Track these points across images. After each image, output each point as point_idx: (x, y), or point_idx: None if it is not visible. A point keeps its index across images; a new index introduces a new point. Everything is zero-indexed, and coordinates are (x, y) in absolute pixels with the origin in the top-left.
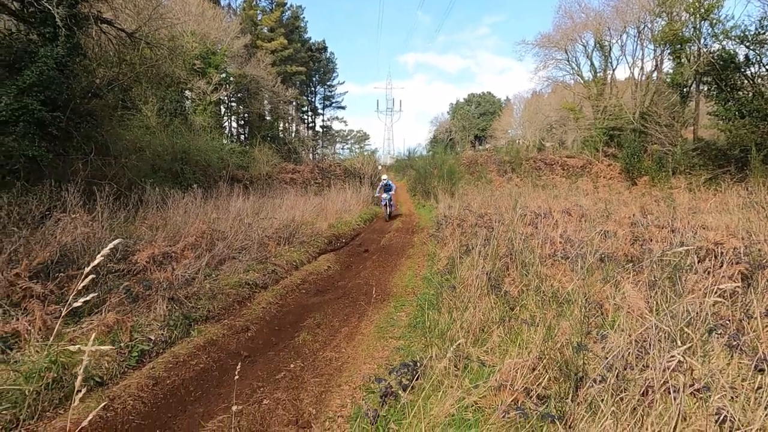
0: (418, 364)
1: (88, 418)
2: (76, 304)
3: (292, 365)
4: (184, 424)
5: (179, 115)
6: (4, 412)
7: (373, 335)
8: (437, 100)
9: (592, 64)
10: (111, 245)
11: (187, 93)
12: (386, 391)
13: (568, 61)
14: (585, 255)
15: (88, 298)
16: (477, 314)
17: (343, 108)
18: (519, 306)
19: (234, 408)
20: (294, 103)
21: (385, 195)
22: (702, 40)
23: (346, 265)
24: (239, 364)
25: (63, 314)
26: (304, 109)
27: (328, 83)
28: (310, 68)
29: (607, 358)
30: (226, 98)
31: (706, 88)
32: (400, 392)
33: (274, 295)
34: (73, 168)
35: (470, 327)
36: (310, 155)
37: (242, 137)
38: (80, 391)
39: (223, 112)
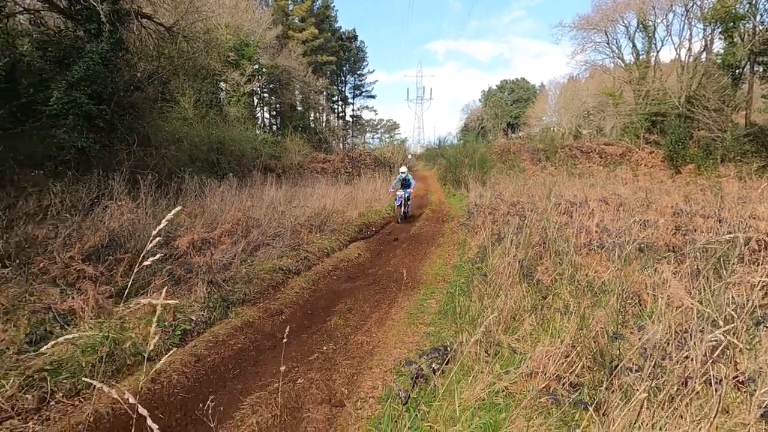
0: (449, 349)
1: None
2: (127, 282)
3: (324, 347)
4: (225, 398)
5: (214, 107)
6: (64, 381)
7: (403, 321)
8: (469, 87)
9: (634, 46)
10: (163, 222)
11: (222, 85)
12: (417, 374)
13: (608, 43)
14: (622, 244)
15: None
16: (508, 302)
17: (373, 97)
18: (552, 295)
19: (282, 368)
20: (324, 93)
21: (401, 192)
22: (758, 17)
23: (376, 253)
24: (287, 327)
25: (128, 287)
26: (335, 98)
27: (358, 72)
28: (341, 57)
29: (644, 348)
30: (258, 89)
31: (761, 69)
32: (430, 375)
33: (307, 281)
34: (118, 158)
35: (501, 314)
36: (341, 145)
37: (274, 127)
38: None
39: (255, 103)
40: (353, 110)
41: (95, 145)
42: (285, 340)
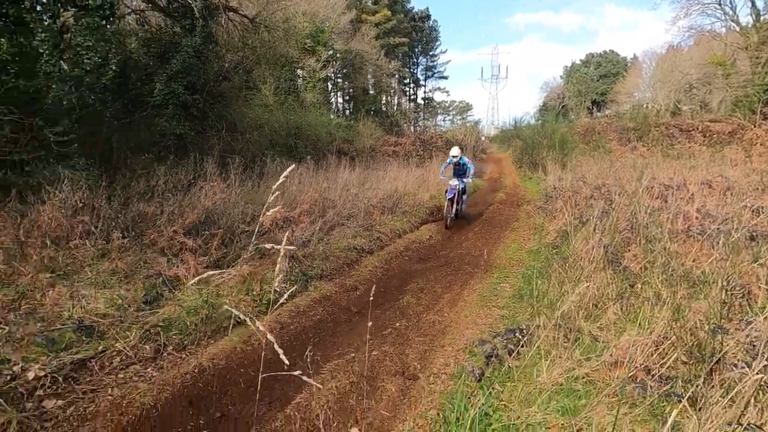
0: (525, 332)
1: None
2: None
3: (397, 324)
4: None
5: (292, 93)
6: (174, 336)
7: (475, 303)
8: (548, 63)
9: (753, 5)
10: (271, 197)
11: (299, 72)
12: (492, 353)
13: (720, 4)
14: (729, 231)
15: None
16: (591, 288)
17: (445, 78)
18: (641, 283)
19: (368, 337)
20: (396, 76)
21: (454, 182)
22: None
23: (447, 236)
24: (374, 289)
25: (222, 259)
26: (406, 81)
27: (430, 53)
28: (413, 39)
29: (753, 344)
30: (332, 75)
31: None
32: (505, 356)
33: (379, 260)
34: (209, 143)
35: (582, 300)
36: (411, 128)
37: (347, 112)
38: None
39: (330, 89)
40: (425, 92)
41: (191, 131)
42: (360, 314)
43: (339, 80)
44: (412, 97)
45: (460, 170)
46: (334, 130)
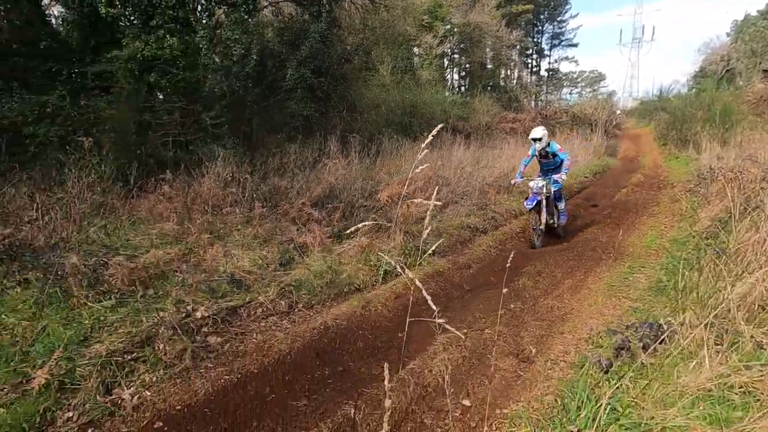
0: (664, 328)
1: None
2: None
3: (512, 305)
4: (420, 331)
5: (408, 72)
6: (303, 295)
7: (602, 292)
8: (708, 21)
9: None
10: (418, 168)
11: (415, 50)
12: (622, 345)
13: None
14: None
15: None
16: (758, 286)
17: (574, 46)
18: None
19: (501, 311)
20: (517, 47)
21: (537, 183)
22: None
23: (570, 219)
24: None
25: (343, 230)
26: (528, 52)
27: (557, 19)
28: (538, 4)
29: None
30: (449, 50)
31: None
32: (638, 351)
33: (494, 240)
34: (332, 123)
35: (745, 300)
36: (532, 103)
37: (462, 89)
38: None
39: (446, 65)
40: (549, 63)
41: (315, 113)
42: (472, 292)
43: (456, 55)
44: (534, 69)
45: (548, 164)
46: (448, 108)
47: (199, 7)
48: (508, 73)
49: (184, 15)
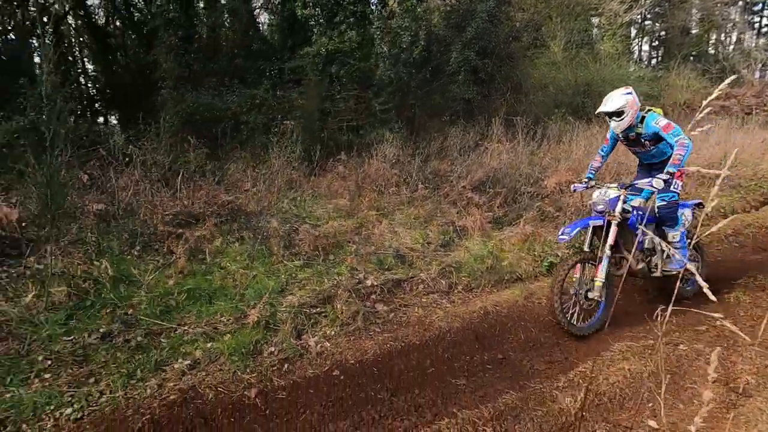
0: None
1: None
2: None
3: (717, 322)
4: (594, 337)
5: (585, 46)
6: (463, 278)
7: None
8: None
9: None
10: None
11: (594, 21)
12: None
13: None
14: None
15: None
16: None
17: None
18: None
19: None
20: (740, 2)
21: (604, 191)
22: None
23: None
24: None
25: (504, 217)
26: (757, 8)
27: None
28: None
29: None
30: (639, 17)
31: None
32: None
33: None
34: (494, 106)
35: None
36: (757, 73)
37: (653, 61)
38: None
39: (633, 35)
40: None
41: (477, 96)
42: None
43: (647, 23)
44: (764, 28)
45: (646, 155)
46: (633, 85)
47: (375, 0)
48: (722, 38)
49: (362, 9)
